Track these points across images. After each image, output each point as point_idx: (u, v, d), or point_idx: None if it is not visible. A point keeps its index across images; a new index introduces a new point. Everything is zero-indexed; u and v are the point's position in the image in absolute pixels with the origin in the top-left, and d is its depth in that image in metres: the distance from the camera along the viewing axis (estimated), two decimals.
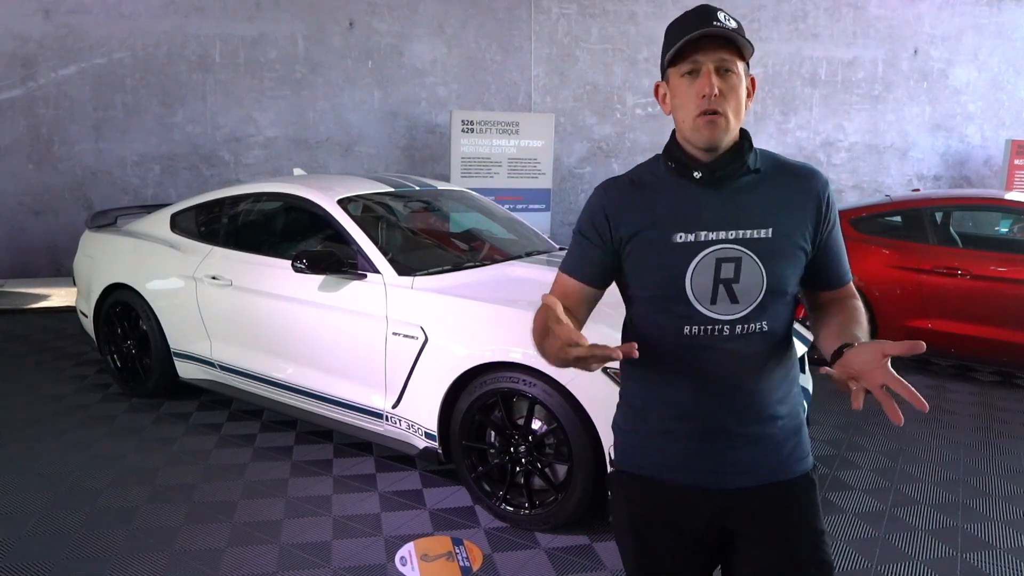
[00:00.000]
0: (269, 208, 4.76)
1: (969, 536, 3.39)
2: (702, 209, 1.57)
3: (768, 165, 1.61)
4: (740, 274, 1.53)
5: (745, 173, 1.58)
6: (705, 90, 1.49)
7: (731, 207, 1.56)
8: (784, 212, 1.57)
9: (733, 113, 1.52)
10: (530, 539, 3.29)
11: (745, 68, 1.55)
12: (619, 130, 9.83)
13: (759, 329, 1.56)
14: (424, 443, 3.61)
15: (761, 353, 1.57)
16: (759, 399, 1.57)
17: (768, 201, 1.57)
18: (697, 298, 1.55)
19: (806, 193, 1.60)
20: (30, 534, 3.25)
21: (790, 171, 1.62)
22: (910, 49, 10.58)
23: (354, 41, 8.80)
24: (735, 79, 1.51)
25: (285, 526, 3.36)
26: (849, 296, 1.70)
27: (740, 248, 1.53)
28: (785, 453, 1.61)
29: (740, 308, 1.54)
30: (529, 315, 3.31)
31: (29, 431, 4.39)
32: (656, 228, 1.58)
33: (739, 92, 1.53)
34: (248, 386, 4.35)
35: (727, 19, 1.52)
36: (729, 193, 1.57)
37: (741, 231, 1.55)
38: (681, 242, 1.55)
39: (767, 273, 1.53)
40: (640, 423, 1.67)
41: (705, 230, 1.55)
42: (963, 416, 4.95)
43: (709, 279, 1.54)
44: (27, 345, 6.22)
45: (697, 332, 1.55)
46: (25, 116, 8.11)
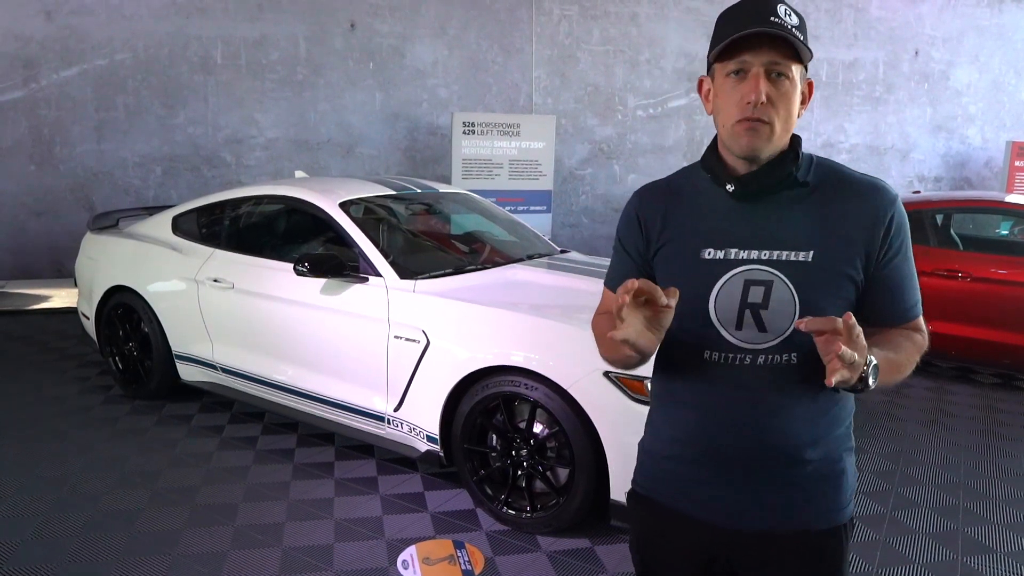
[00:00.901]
0: (271, 211, 4.77)
1: (970, 539, 3.40)
2: (736, 224, 1.42)
3: (822, 178, 1.43)
4: (769, 300, 1.38)
5: (791, 186, 1.41)
6: (751, 96, 1.33)
7: (768, 224, 1.40)
8: (831, 233, 1.38)
9: (781, 123, 1.36)
10: (531, 542, 3.29)
11: (802, 72, 1.38)
12: (620, 131, 9.83)
13: (787, 362, 1.39)
14: (426, 446, 3.61)
15: (788, 388, 1.40)
16: (783, 439, 1.41)
17: (813, 219, 1.39)
18: (721, 322, 1.41)
19: (863, 212, 1.39)
20: (32, 537, 3.26)
21: (848, 186, 1.41)
22: (911, 51, 10.59)
23: (355, 42, 8.81)
24: (787, 85, 1.35)
25: (287, 529, 3.37)
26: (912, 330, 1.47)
27: (772, 271, 1.38)
28: (814, 501, 1.45)
29: (767, 337, 1.39)
30: (529, 318, 3.35)
31: (31, 432, 4.40)
32: (685, 240, 1.46)
33: (791, 99, 1.36)
34: (250, 388, 4.36)
35: (788, 13, 1.34)
36: (768, 208, 1.41)
37: (775, 252, 1.38)
38: (709, 258, 1.42)
39: (800, 302, 1.37)
40: (656, 445, 1.57)
41: (736, 247, 1.40)
42: (964, 418, 4.95)
43: (735, 302, 1.39)
44: (29, 346, 6.23)
45: (718, 359, 1.42)
46: (27, 117, 8.11)
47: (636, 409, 2.98)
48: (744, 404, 1.42)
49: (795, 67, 1.36)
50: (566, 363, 3.12)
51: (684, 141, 10.10)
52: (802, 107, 1.41)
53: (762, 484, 1.44)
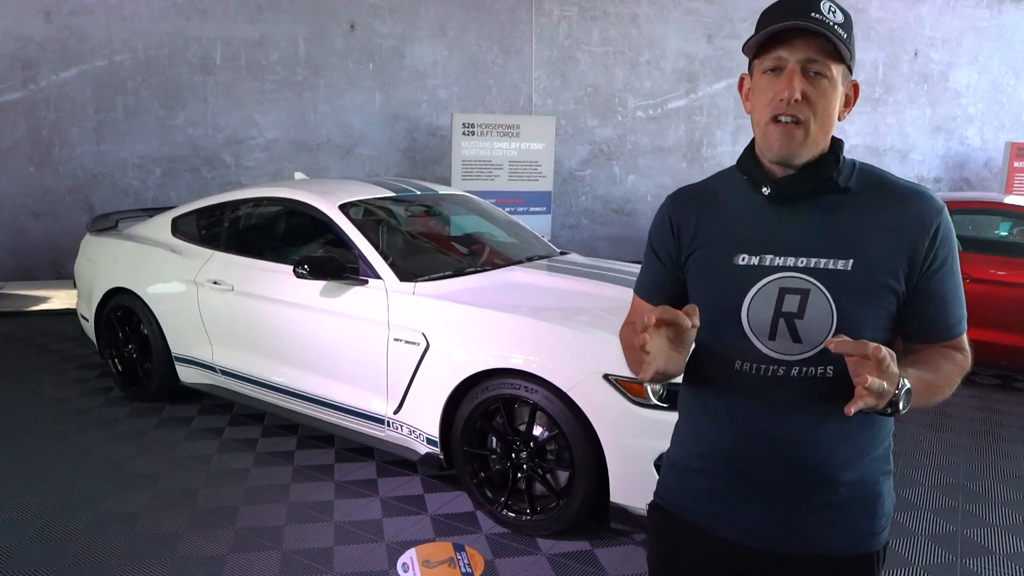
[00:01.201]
0: (270, 213, 4.77)
1: (969, 541, 3.40)
2: (772, 229, 1.36)
3: (864, 184, 1.36)
4: (805, 309, 1.32)
5: (831, 191, 1.35)
6: (784, 93, 1.28)
7: (806, 230, 1.34)
8: (873, 241, 1.31)
9: (817, 124, 1.30)
10: (531, 545, 3.29)
11: (843, 72, 1.32)
12: (620, 132, 9.84)
13: (822, 375, 1.32)
14: (426, 449, 3.61)
15: (822, 403, 1.33)
16: (814, 457, 1.34)
17: (854, 227, 1.32)
18: (753, 331, 1.35)
19: (906, 220, 1.32)
20: (32, 540, 3.26)
21: (891, 192, 1.35)
22: (910, 51, 10.60)
23: (355, 43, 8.81)
24: (825, 84, 1.29)
25: (287, 532, 3.37)
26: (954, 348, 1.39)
27: (809, 279, 1.32)
28: (846, 525, 1.38)
29: (802, 348, 1.32)
30: (529, 321, 3.35)
31: (31, 435, 4.40)
32: (719, 245, 1.41)
33: (829, 99, 1.30)
34: (249, 391, 4.36)
35: (832, 10, 1.30)
36: (806, 213, 1.35)
37: (813, 259, 1.32)
38: (743, 264, 1.36)
39: (838, 312, 1.30)
40: (682, 458, 1.52)
41: (772, 254, 1.35)
42: (963, 420, 4.95)
43: (769, 311, 1.34)
44: (28, 348, 6.23)
45: (749, 369, 1.36)
46: (26, 118, 8.11)
47: (636, 412, 2.98)
48: (776, 419, 1.36)
49: (835, 67, 1.30)
50: (566, 366, 3.12)
51: (684, 142, 10.10)
52: (845, 110, 1.36)
53: (792, 504, 1.38)
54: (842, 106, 1.34)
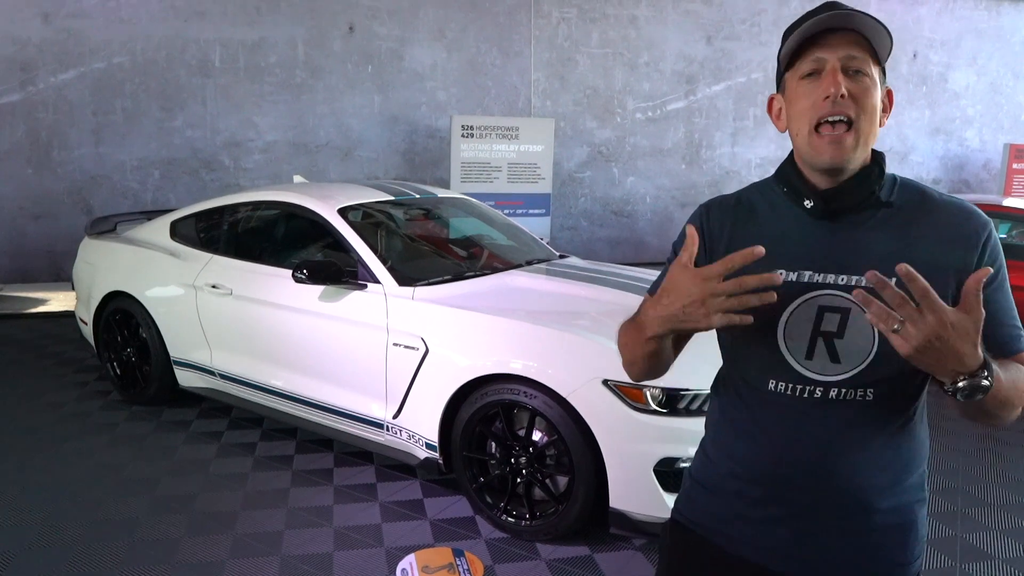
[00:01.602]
0: (269, 216, 4.76)
1: (968, 546, 3.40)
2: (812, 244, 1.31)
3: (907, 198, 1.31)
4: (846, 329, 1.27)
5: (874, 206, 1.30)
6: (830, 89, 1.23)
7: (848, 246, 1.29)
8: (918, 259, 1.20)
9: (867, 123, 1.25)
10: (531, 550, 3.29)
11: (880, 75, 1.28)
12: (619, 134, 9.84)
13: (862, 398, 1.28)
14: (425, 453, 3.61)
15: (860, 428, 1.29)
16: (851, 484, 1.29)
17: (898, 243, 1.27)
18: (790, 349, 1.30)
19: (954, 237, 1.27)
20: (31, 545, 3.25)
21: (937, 208, 1.30)
22: (909, 53, 10.60)
23: (354, 45, 8.80)
24: (868, 82, 1.24)
25: (286, 537, 3.36)
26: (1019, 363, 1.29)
27: (850, 297, 1.24)
28: (879, 554, 1.33)
29: (841, 369, 1.28)
30: (528, 326, 3.35)
31: (29, 440, 4.39)
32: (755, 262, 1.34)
33: (873, 98, 1.25)
34: (248, 395, 4.36)
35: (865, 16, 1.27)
36: (848, 228, 1.30)
37: (855, 277, 1.26)
38: (786, 280, 1.30)
39: (879, 333, 1.20)
40: (710, 476, 1.46)
41: (811, 270, 1.30)
42: (961, 422, 4.95)
43: (807, 329, 1.29)
44: (27, 350, 6.22)
45: (783, 390, 1.31)
46: (24, 121, 8.10)
47: (635, 417, 2.98)
48: (812, 442, 1.30)
49: (874, 67, 1.26)
50: (565, 371, 3.12)
51: (683, 143, 10.10)
52: (884, 116, 1.30)
53: (824, 530, 1.33)
54: (880, 112, 1.29)
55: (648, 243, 10.15)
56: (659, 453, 2.98)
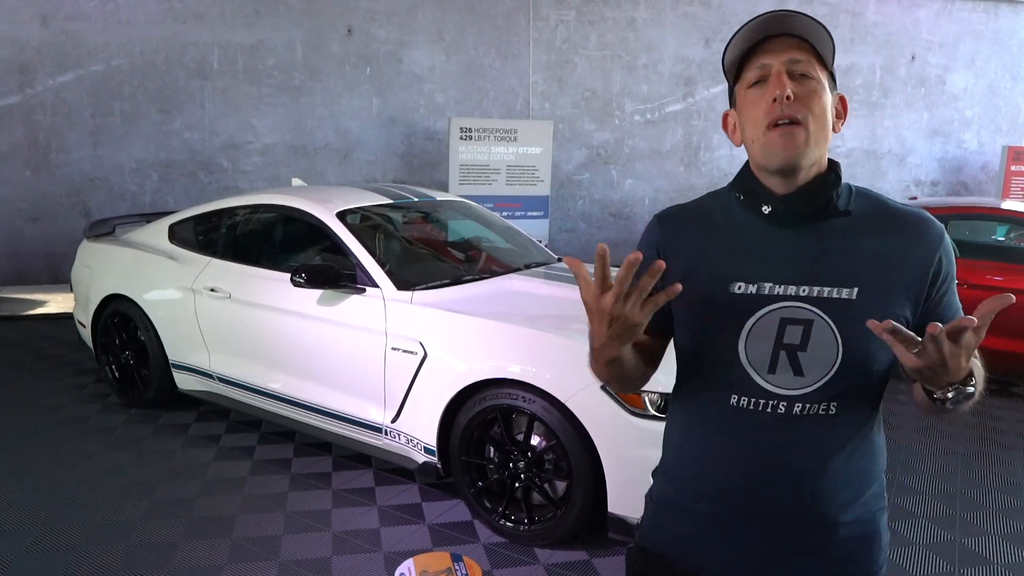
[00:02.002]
0: (268, 220, 4.76)
1: (967, 551, 3.40)
2: (771, 254, 1.29)
3: (864, 207, 1.30)
4: (809, 341, 1.25)
5: (832, 215, 1.28)
6: (776, 91, 1.22)
7: (807, 256, 1.27)
8: (878, 269, 1.25)
9: (816, 125, 1.24)
10: (529, 555, 3.29)
11: (829, 80, 1.28)
12: (618, 136, 9.84)
13: (825, 412, 1.27)
14: (423, 458, 3.61)
15: (824, 443, 1.28)
16: (815, 499, 1.29)
17: (858, 253, 1.26)
18: (752, 363, 1.28)
19: (912, 247, 1.27)
20: (29, 550, 3.25)
21: (894, 217, 1.29)
22: (908, 55, 10.61)
23: (352, 48, 8.80)
24: (814, 84, 1.24)
25: (284, 542, 3.36)
26: None
27: (812, 308, 1.25)
28: (848, 567, 1.34)
29: (804, 383, 1.26)
30: (526, 331, 3.35)
31: (27, 443, 4.38)
32: (711, 272, 1.32)
33: (821, 99, 1.24)
34: (247, 398, 4.35)
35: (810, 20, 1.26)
36: (808, 238, 1.28)
37: (817, 287, 1.25)
38: (740, 293, 1.29)
39: (844, 343, 1.24)
40: (675, 498, 1.43)
41: (771, 281, 1.27)
42: (960, 426, 4.96)
43: (769, 342, 1.27)
44: (25, 353, 6.21)
45: (746, 405, 1.29)
46: (23, 123, 8.10)
47: (633, 423, 2.98)
48: (775, 459, 1.28)
49: (820, 71, 1.26)
50: (563, 376, 3.12)
51: (681, 146, 10.10)
52: (838, 122, 1.30)
53: (793, 548, 1.31)
54: (834, 118, 1.29)
55: None
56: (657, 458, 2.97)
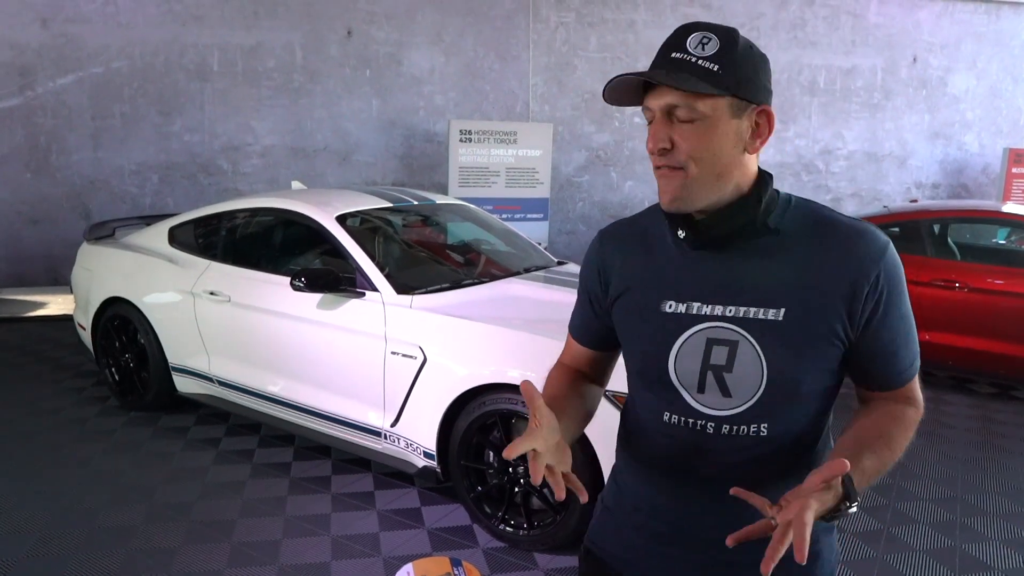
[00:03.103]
0: (268, 223, 4.76)
1: (967, 556, 3.40)
2: (699, 274, 1.27)
3: (799, 223, 1.25)
4: (734, 362, 1.23)
5: (759, 233, 1.24)
6: (649, 144, 1.22)
7: (733, 275, 1.24)
8: (806, 288, 1.20)
9: (702, 167, 1.19)
10: (528, 560, 3.28)
11: (731, 104, 1.18)
12: (618, 139, 9.83)
13: (755, 433, 1.24)
14: (423, 462, 3.60)
15: (757, 463, 1.26)
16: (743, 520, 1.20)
17: (786, 272, 1.22)
18: (682, 382, 1.27)
19: (844, 264, 1.20)
20: (29, 554, 3.24)
21: (829, 232, 1.23)
22: (909, 57, 10.60)
23: (352, 50, 8.80)
24: (700, 124, 1.18)
25: (284, 546, 3.35)
26: (901, 401, 1.29)
27: (737, 329, 1.22)
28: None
29: (732, 404, 1.24)
30: (526, 336, 3.34)
31: (27, 446, 4.38)
32: (645, 289, 1.32)
33: (703, 140, 1.18)
34: (246, 401, 4.35)
35: (703, 42, 1.18)
36: (735, 257, 1.25)
37: (741, 308, 1.23)
38: (670, 312, 1.27)
39: (768, 365, 1.21)
40: (619, 506, 1.44)
41: (699, 301, 1.25)
42: (960, 430, 4.95)
43: (697, 362, 1.25)
44: (24, 355, 6.21)
45: (677, 422, 1.28)
46: (23, 125, 8.09)
47: None
48: (708, 477, 1.27)
49: (707, 102, 1.17)
50: None
51: None
52: (755, 141, 1.23)
53: (726, 564, 1.28)
54: (749, 138, 1.22)
55: None
56: None
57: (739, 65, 1.18)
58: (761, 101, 1.22)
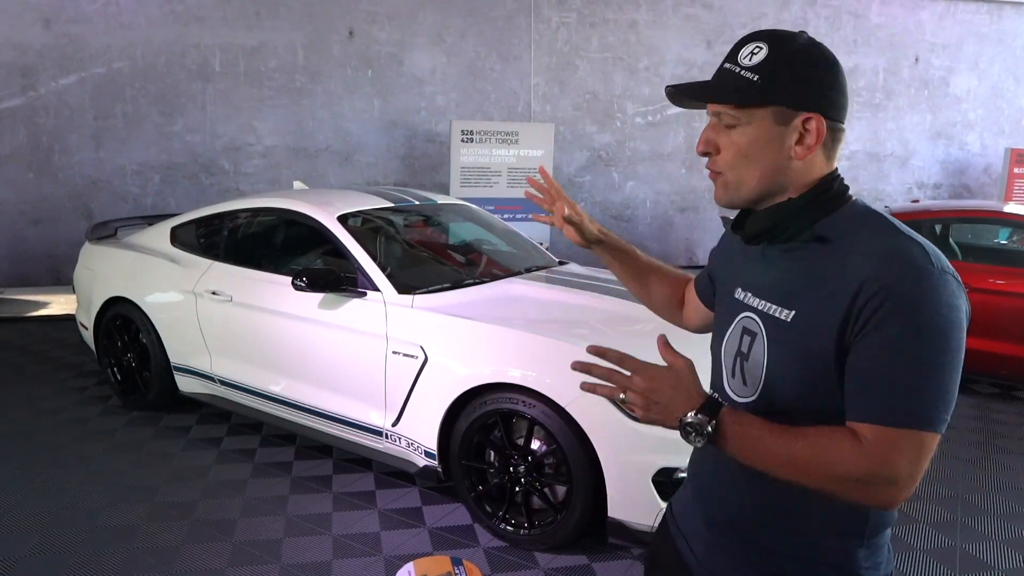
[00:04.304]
0: (269, 223, 4.76)
1: (968, 556, 3.40)
2: (750, 266, 1.36)
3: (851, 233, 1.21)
4: (750, 353, 1.29)
5: (806, 238, 1.25)
6: (698, 147, 1.32)
7: (769, 272, 1.30)
8: (815, 295, 1.19)
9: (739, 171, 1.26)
10: (529, 559, 3.29)
11: (774, 112, 1.21)
12: (619, 139, 9.84)
13: None
14: (424, 461, 3.61)
15: None
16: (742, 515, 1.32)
17: (806, 277, 1.22)
18: (724, 365, 1.37)
19: (842, 277, 1.16)
20: (31, 553, 3.25)
21: (861, 241, 1.17)
22: (911, 57, 10.60)
23: (353, 50, 8.81)
24: (739, 131, 1.24)
25: (285, 545, 3.36)
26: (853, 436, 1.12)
27: (759, 322, 1.28)
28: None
29: (748, 393, 1.30)
30: (527, 335, 3.35)
31: (28, 446, 4.39)
32: (729, 276, 1.44)
33: (741, 145, 1.24)
34: (248, 401, 4.36)
35: (754, 52, 1.22)
36: (779, 257, 1.29)
37: (766, 304, 1.28)
38: (737, 298, 1.37)
39: (768, 363, 1.25)
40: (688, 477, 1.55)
41: (751, 292, 1.33)
42: (962, 430, 4.94)
43: (734, 347, 1.34)
44: (26, 355, 6.22)
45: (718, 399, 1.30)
46: (25, 125, 8.11)
47: (634, 427, 2.98)
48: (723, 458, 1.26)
49: (748, 111, 1.22)
50: (563, 381, 3.11)
51: (683, 148, 10.10)
52: (800, 148, 1.22)
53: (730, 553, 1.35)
54: (793, 143, 1.22)
55: (648, 248, 10.13)
56: (657, 463, 2.97)
57: (784, 73, 1.21)
58: (813, 108, 1.21)
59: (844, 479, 1.11)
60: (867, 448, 1.10)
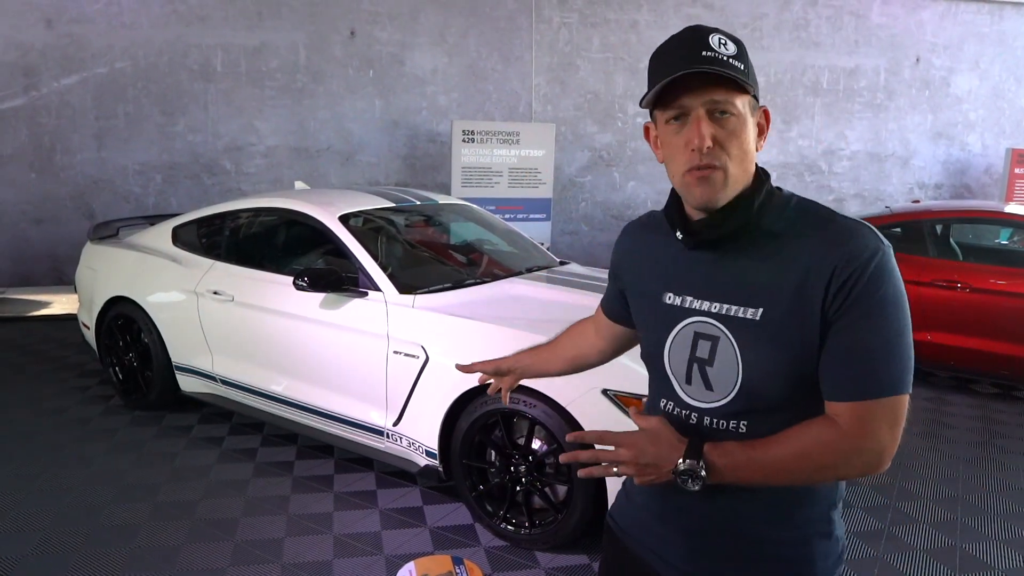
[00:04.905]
0: (271, 223, 4.77)
1: (968, 556, 3.40)
2: (694, 270, 1.32)
3: (796, 224, 1.24)
4: (715, 357, 1.27)
5: (755, 233, 1.25)
6: (694, 141, 1.19)
7: (723, 274, 1.28)
8: (784, 288, 1.20)
9: (736, 165, 1.22)
10: (530, 558, 3.29)
11: (751, 103, 1.24)
12: (620, 139, 9.84)
13: (735, 429, 1.26)
14: (425, 461, 3.62)
15: None
16: (726, 511, 1.31)
17: (769, 272, 1.22)
18: (673, 372, 1.34)
19: (817, 263, 1.18)
20: (33, 552, 3.26)
21: (821, 231, 1.21)
22: (912, 57, 10.59)
23: (355, 50, 8.82)
24: (734, 122, 1.20)
25: (287, 545, 3.37)
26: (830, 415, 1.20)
27: (720, 326, 1.26)
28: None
29: (714, 397, 1.28)
30: (528, 335, 3.35)
31: (30, 445, 4.40)
32: (651, 281, 1.40)
33: (742, 136, 1.21)
34: (249, 400, 4.36)
35: (722, 43, 1.20)
36: (728, 256, 1.27)
37: (725, 305, 1.26)
38: (669, 303, 1.34)
39: (743, 364, 1.23)
40: (633, 487, 1.52)
41: (691, 295, 1.31)
42: (962, 430, 4.95)
43: (685, 354, 1.31)
44: (28, 355, 6.23)
45: (671, 410, 1.34)
46: (27, 125, 8.12)
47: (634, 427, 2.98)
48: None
49: (740, 100, 1.21)
50: (564, 381, 3.10)
51: None
52: (760, 140, 1.27)
53: (715, 553, 1.34)
54: (755, 137, 1.26)
55: None
56: None
57: (751, 65, 1.24)
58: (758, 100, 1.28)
59: (835, 465, 1.19)
60: (848, 428, 1.17)
